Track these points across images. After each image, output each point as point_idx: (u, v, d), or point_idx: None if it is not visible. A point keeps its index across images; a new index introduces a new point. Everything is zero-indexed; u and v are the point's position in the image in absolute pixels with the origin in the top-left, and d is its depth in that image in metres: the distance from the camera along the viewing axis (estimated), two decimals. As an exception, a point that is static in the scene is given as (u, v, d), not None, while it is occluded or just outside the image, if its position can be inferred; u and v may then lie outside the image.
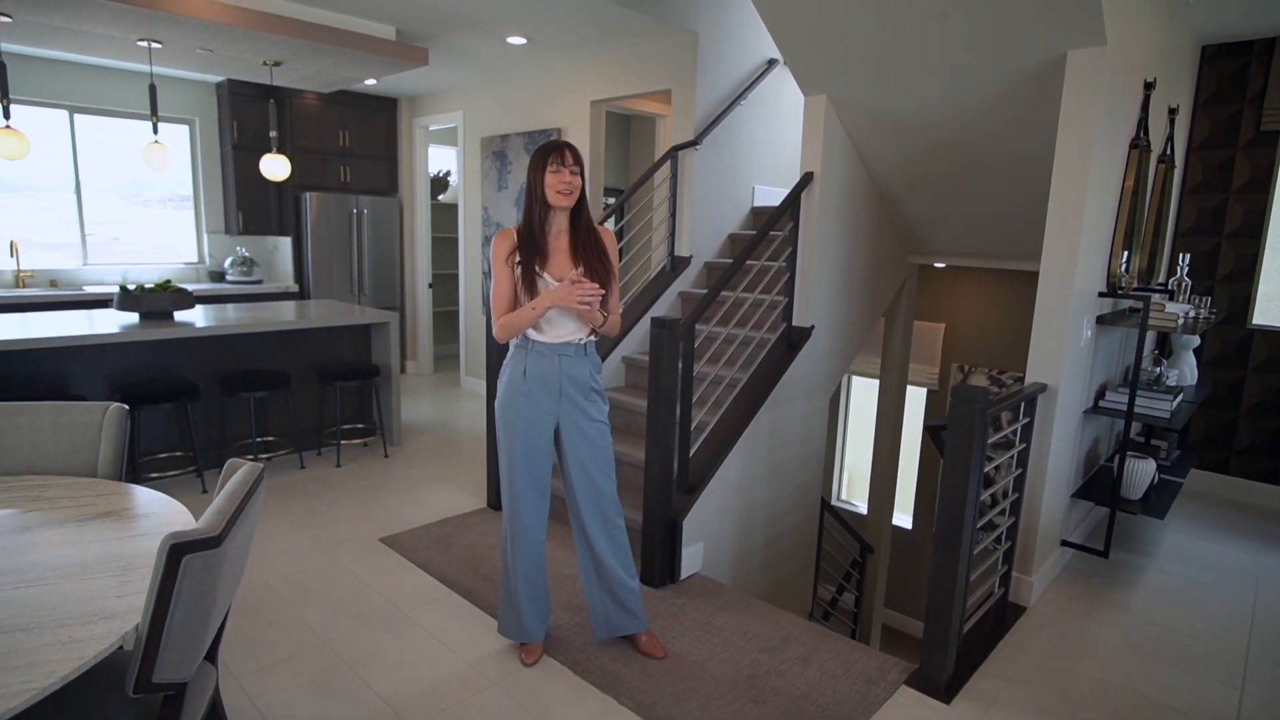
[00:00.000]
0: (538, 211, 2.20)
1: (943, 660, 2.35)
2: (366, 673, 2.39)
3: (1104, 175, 2.87)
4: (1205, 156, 4.35)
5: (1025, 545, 2.95)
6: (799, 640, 2.65)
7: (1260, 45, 4.12)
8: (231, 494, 1.48)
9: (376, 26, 4.29)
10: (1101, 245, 3.05)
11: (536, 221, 2.21)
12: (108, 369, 3.76)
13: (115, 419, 2.15)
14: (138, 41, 3.99)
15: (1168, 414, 3.15)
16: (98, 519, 1.75)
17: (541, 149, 2.20)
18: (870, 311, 4.07)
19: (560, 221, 2.24)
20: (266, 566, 3.09)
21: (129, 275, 5.80)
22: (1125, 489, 3.28)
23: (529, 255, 2.19)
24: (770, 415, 3.46)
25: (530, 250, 2.20)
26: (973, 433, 2.18)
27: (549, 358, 2.24)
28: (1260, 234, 4.23)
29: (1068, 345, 2.80)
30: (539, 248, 2.20)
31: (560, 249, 2.22)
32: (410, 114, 6.69)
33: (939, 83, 3.06)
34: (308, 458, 4.50)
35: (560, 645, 2.56)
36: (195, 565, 1.29)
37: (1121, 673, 2.55)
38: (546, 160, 2.17)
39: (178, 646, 1.32)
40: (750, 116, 4.73)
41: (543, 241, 2.21)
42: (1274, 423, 4.25)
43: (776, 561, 3.77)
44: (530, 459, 2.29)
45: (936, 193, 3.76)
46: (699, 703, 2.27)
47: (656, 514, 2.92)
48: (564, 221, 2.24)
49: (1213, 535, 3.82)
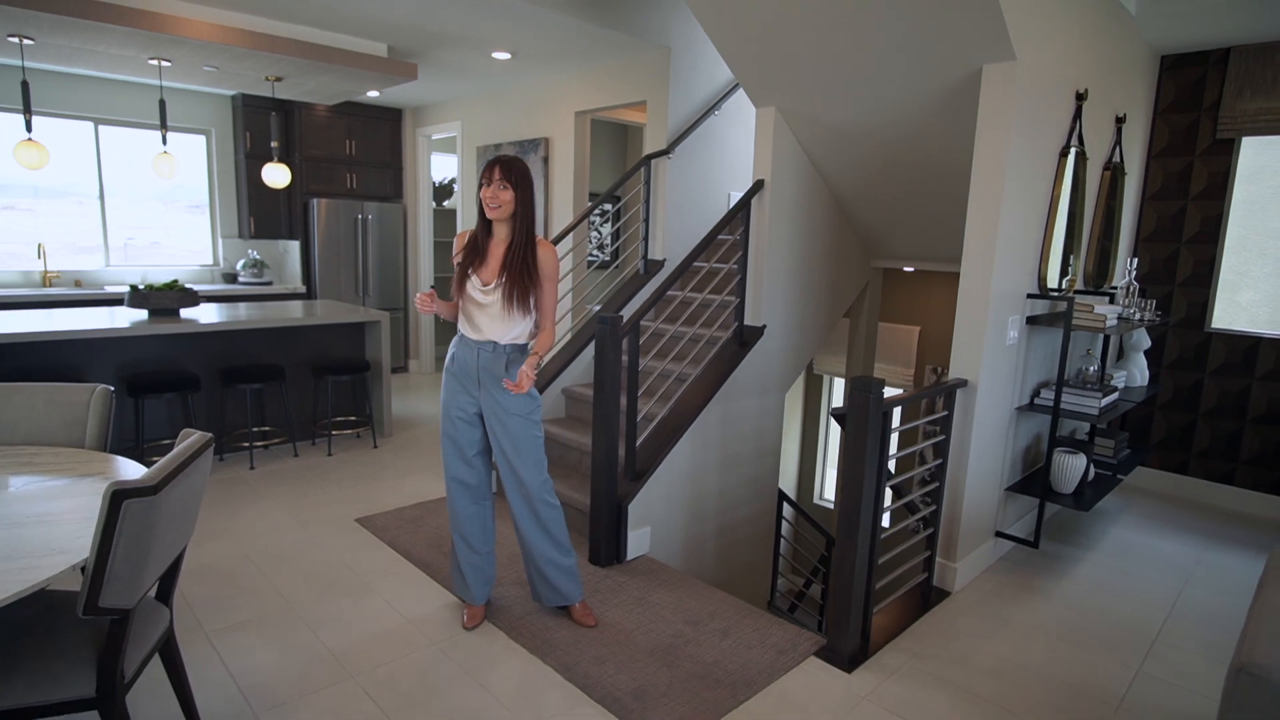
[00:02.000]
0: (480, 220, 2.46)
1: (846, 633, 2.54)
2: (322, 631, 2.64)
3: (1028, 182, 3.04)
4: (1165, 164, 4.46)
5: (949, 533, 3.11)
6: (725, 615, 2.85)
7: (1215, 56, 4.23)
8: (175, 455, 1.74)
9: (369, 44, 4.59)
10: (1030, 248, 3.21)
11: (480, 230, 2.46)
12: (118, 361, 4.09)
13: (101, 399, 2.44)
14: (149, 60, 4.34)
15: (1096, 411, 3.29)
16: (78, 478, 2.03)
17: (485, 165, 2.44)
18: (828, 312, 4.25)
19: (502, 232, 2.47)
20: (246, 540, 3.38)
21: (148, 276, 6.19)
22: (1056, 483, 3.42)
23: (467, 257, 2.45)
24: (721, 409, 3.66)
25: (470, 254, 2.45)
26: (867, 419, 2.37)
27: (470, 349, 2.50)
28: (1217, 239, 4.33)
29: (987, 343, 2.97)
30: (479, 252, 2.45)
31: (496, 257, 2.46)
32: (414, 124, 7.02)
33: (876, 95, 3.26)
34: (301, 447, 4.80)
35: (501, 612, 2.79)
36: (134, 509, 1.55)
37: (1025, 652, 2.71)
38: (481, 175, 2.42)
39: (121, 577, 1.57)
40: (723, 126, 4.94)
41: (484, 248, 2.46)
42: (1231, 426, 4.33)
43: (731, 550, 3.96)
44: (454, 437, 2.57)
45: (886, 198, 3.94)
46: (615, 665, 2.49)
47: (602, 497, 3.14)
48: (505, 232, 2.46)
49: (1161, 533, 3.93)
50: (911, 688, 2.45)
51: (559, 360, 4.32)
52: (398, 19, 4.13)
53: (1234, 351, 4.30)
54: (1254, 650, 1.54)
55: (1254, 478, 4.28)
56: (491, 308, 2.42)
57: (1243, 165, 4.26)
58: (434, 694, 2.31)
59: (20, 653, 1.66)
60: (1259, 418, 4.24)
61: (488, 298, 2.41)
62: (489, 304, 2.42)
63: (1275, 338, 4.17)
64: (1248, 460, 4.30)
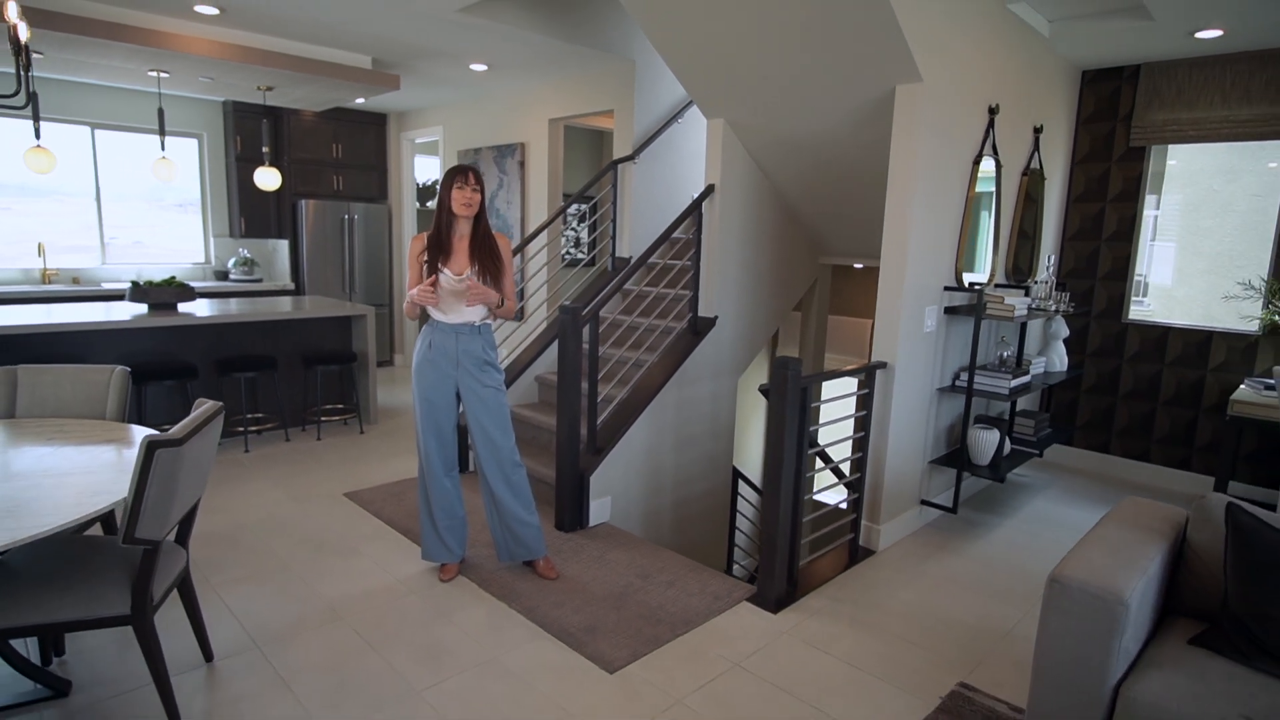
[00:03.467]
0: (445, 219, 2.82)
1: (772, 579, 2.93)
2: (316, 584, 3.00)
3: (941, 186, 3.44)
4: (1087, 169, 4.89)
5: (874, 498, 3.51)
6: (672, 570, 3.24)
7: (1129, 71, 4.65)
8: (194, 418, 2.10)
9: (353, 56, 4.94)
10: (946, 246, 3.61)
11: (444, 226, 2.83)
12: (119, 352, 4.42)
13: (120, 378, 2.79)
14: (149, 71, 4.67)
15: (1006, 391, 3.70)
16: (104, 443, 2.38)
17: (450, 170, 2.81)
18: (777, 305, 4.65)
19: (463, 228, 2.85)
20: (244, 512, 3.73)
21: (143, 273, 6.50)
22: (974, 455, 3.83)
23: (434, 253, 2.81)
24: (677, 392, 4.04)
25: (436, 249, 2.82)
26: (786, 392, 2.76)
27: (448, 335, 2.85)
28: (1132, 238, 4.76)
29: (903, 330, 3.37)
30: (444, 247, 2.82)
31: (461, 250, 2.84)
32: (398, 128, 7.36)
33: (810, 110, 3.64)
34: (292, 433, 5.14)
35: (473, 569, 3.16)
36: (164, 457, 1.91)
37: (933, 598, 3.10)
38: (453, 180, 2.79)
39: (152, 514, 1.93)
40: (684, 134, 5.32)
41: (448, 243, 2.83)
42: (1145, 407, 4.77)
43: (689, 521, 4.35)
44: (432, 412, 2.91)
45: (826, 201, 4.33)
46: (572, 608, 2.87)
47: (566, 470, 3.51)
48: (466, 228, 2.85)
49: (1076, 504, 4.34)
50: (827, 625, 2.84)
51: (532, 349, 4.69)
52: (381, 34, 4.48)
53: (1147, 340, 4.74)
54: (1065, 566, 1.94)
55: (1165, 454, 4.72)
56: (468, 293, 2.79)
57: (1177, 170, 4.69)
58: (413, 630, 2.68)
59: (71, 577, 2.02)
60: (1169, 400, 4.67)
61: (463, 284, 2.78)
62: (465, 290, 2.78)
63: (1181, 327, 4.60)
64: (1159, 439, 4.73)
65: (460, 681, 2.39)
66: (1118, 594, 1.81)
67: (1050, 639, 1.92)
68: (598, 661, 2.53)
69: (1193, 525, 2.13)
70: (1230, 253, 4.55)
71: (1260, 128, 4.20)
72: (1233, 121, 4.27)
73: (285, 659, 2.48)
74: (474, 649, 2.58)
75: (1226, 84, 4.28)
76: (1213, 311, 4.59)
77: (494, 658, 2.53)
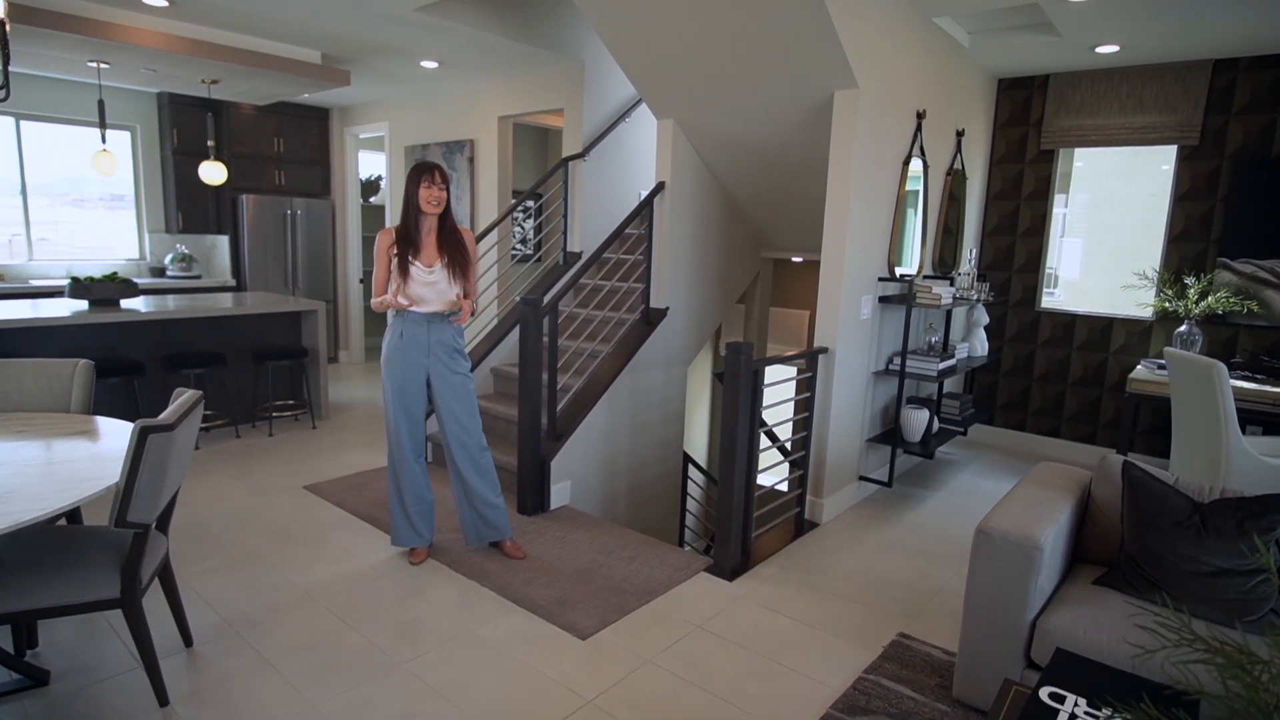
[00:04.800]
0: (413, 215, 2.93)
1: (728, 550, 3.15)
2: (287, 572, 3.07)
3: (875, 185, 3.72)
4: (1003, 169, 5.30)
5: (818, 474, 3.78)
6: (633, 547, 3.42)
7: (1039, 80, 5.07)
8: (179, 405, 2.16)
9: (303, 51, 4.93)
10: (879, 240, 3.90)
11: (412, 222, 2.93)
12: (61, 349, 4.31)
13: (84, 371, 2.79)
14: (88, 63, 4.56)
15: (934, 373, 4.02)
16: (76, 436, 2.41)
17: (417, 168, 2.92)
18: (724, 296, 4.88)
19: (430, 223, 2.96)
20: (205, 507, 3.73)
21: (73, 270, 6.28)
22: (906, 433, 4.15)
23: (404, 248, 2.92)
24: (630, 380, 4.22)
25: (405, 244, 2.92)
26: (738, 375, 2.97)
27: (420, 324, 2.96)
28: (1043, 234, 5.18)
29: (842, 318, 3.64)
30: (413, 242, 2.92)
31: (429, 244, 2.95)
32: (341, 123, 7.30)
33: (755, 112, 3.88)
34: (243, 430, 5.10)
35: (441, 552, 3.27)
36: (156, 442, 1.98)
37: (873, 563, 3.38)
38: (420, 178, 2.90)
39: (143, 497, 2.00)
40: (632, 132, 5.51)
41: (416, 238, 2.93)
42: (1056, 388, 5.21)
43: (645, 503, 4.54)
44: (405, 399, 3.01)
45: (770, 198, 4.59)
46: (541, 584, 3.02)
47: (528, 455, 3.65)
48: (433, 223, 2.96)
49: (997, 477, 4.73)
50: (779, 590, 3.08)
51: (487, 343, 4.79)
52: (333, 30, 4.49)
53: (1058, 327, 5.17)
54: (989, 519, 2.21)
55: (1074, 431, 5.17)
56: (438, 284, 2.91)
57: (1082, 172, 5.14)
58: (388, 610, 2.78)
59: (60, 563, 2.06)
60: (1076, 381, 5.12)
61: (432, 277, 2.89)
62: (436, 281, 2.90)
63: (1087, 315, 5.05)
64: (1069, 417, 5.18)
65: (440, 654, 2.52)
66: (1034, 540, 2.09)
67: (978, 583, 2.19)
68: (570, 630, 2.69)
69: (1095, 483, 2.45)
70: (1129, 247, 5.01)
71: (1151, 134, 4.66)
72: (1129, 128, 4.72)
73: (266, 641, 2.56)
74: (450, 624, 2.70)
75: (1123, 94, 4.72)
76: (1114, 300, 5.05)
77: (470, 631, 2.67)
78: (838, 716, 2.24)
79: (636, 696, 2.33)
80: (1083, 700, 1.45)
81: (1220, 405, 3.24)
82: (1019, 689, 1.68)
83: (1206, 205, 4.56)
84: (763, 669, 2.50)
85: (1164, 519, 2.14)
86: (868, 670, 2.49)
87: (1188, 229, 4.63)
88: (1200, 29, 3.89)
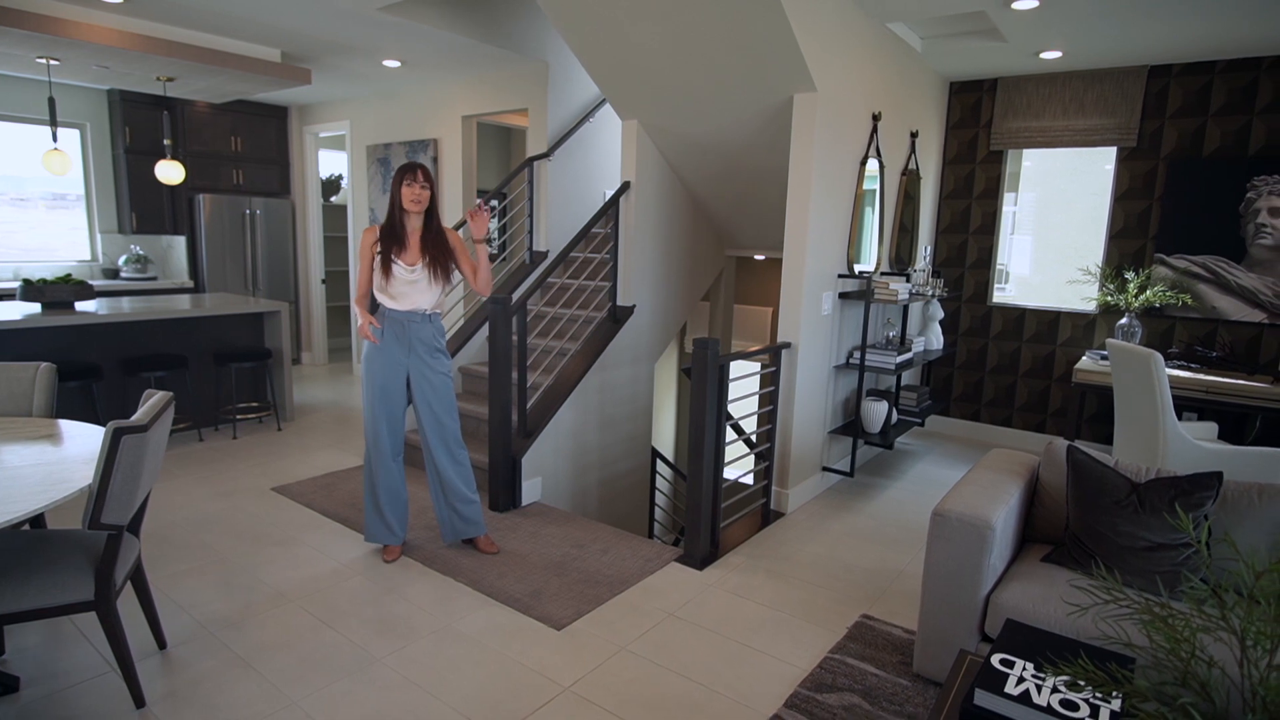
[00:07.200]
0: (398, 214, 2.95)
1: (698, 540, 3.23)
2: (259, 572, 3.06)
3: (834, 185, 3.85)
4: (955, 170, 5.49)
5: (783, 465, 3.89)
6: (604, 540, 3.49)
7: (988, 83, 5.27)
8: (151, 406, 2.16)
9: (262, 49, 4.88)
10: (838, 238, 4.03)
11: (397, 221, 2.96)
12: (13, 353, 4.21)
13: (47, 374, 2.75)
14: (36, 59, 4.44)
15: (893, 366, 4.17)
16: (41, 440, 2.39)
17: (401, 169, 2.94)
18: (689, 293, 4.98)
19: (414, 222, 2.99)
20: (170, 511, 3.69)
21: (20, 272, 6.10)
22: (867, 425, 4.29)
23: (388, 246, 2.94)
24: (599, 376, 4.29)
25: (390, 242, 2.94)
26: (705, 370, 3.06)
27: (400, 322, 2.99)
28: (994, 232, 5.39)
29: (804, 314, 3.76)
30: (397, 239, 2.95)
31: (413, 243, 2.98)
32: (300, 122, 7.20)
33: (717, 114, 3.97)
34: (206, 433, 5.03)
35: (415, 549, 3.30)
36: (130, 443, 1.98)
37: (834, 548, 3.51)
38: (403, 178, 2.93)
39: (118, 497, 2.00)
40: (596, 132, 5.56)
41: (401, 235, 2.96)
42: (1008, 380, 5.42)
43: (614, 498, 4.61)
44: (385, 398, 3.03)
45: (732, 197, 4.69)
46: (515, 578, 3.07)
47: (499, 453, 3.69)
48: (417, 223, 2.99)
49: (953, 466, 4.91)
50: (747, 577, 3.18)
51: (454, 342, 4.81)
52: (293, 28, 4.46)
53: (1008, 321, 5.39)
54: (945, 502, 2.33)
55: (1024, 420, 5.39)
56: (420, 282, 2.93)
57: (1030, 171, 5.36)
58: (364, 606, 2.81)
59: (32, 566, 2.05)
60: (1027, 372, 5.34)
61: (415, 275, 2.92)
62: (418, 280, 2.93)
63: (1036, 309, 5.27)
64: (1020, 407, 5.40)
65: (418, 648, 2.56)
66: (986, 520, 2.21)
67: (935, 563, 2.31)
68: (545, 621, 2.75)
69: (1043, 467, 2.59)
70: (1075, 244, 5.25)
71: (1093, 136, 4.88)
72: (1072, 130, 4.95)
73: (242, 641, 2.56)
74: (427, 619, 2.74)
75: (1066, 98, 4.94)
76: (1061, 295, 5.29)
77: (447, 625, 2.71)
78: (806, 694, 2.34)
79: (612, 682, 2.40)
80: (1030, 665, 1.57)
81: (1158, 393, 3.44)
82: (973, 659, 1.80)
83: (1144, 204, 4.80)
84: (733, 652, 2.59)
85: (1104, 498, 2.29)
86: (833, 650, 2.60)
87: (1127, 226, 4.87)
88: (1136, 37, 4.10)
